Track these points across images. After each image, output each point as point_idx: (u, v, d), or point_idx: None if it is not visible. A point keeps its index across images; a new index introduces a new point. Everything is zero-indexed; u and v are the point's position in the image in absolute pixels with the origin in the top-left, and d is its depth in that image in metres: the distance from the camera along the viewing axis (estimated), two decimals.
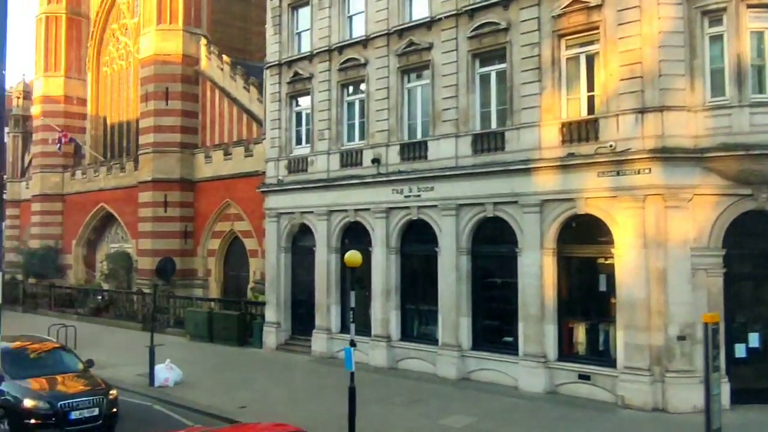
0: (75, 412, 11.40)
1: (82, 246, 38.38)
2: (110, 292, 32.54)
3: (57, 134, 38.57)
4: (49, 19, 40.01)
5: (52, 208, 39.65)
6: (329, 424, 13.18)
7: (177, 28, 31.57)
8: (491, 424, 13.33)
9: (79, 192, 38.44)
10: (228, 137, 30.66)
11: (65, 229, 39.49)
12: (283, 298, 22.38)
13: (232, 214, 29.96)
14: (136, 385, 17.47)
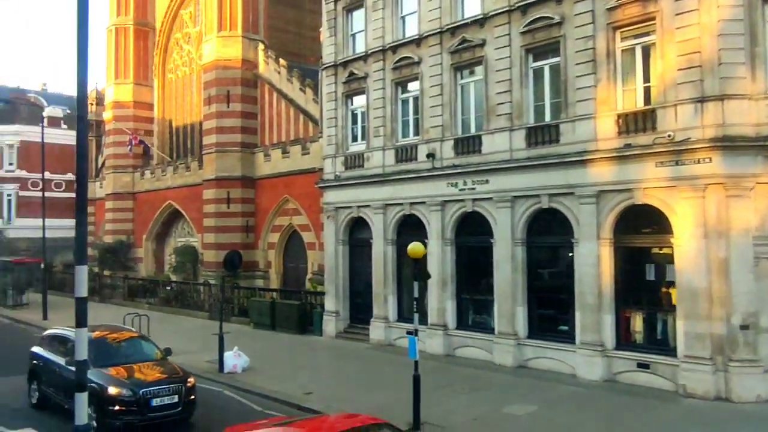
0: (156, 399, 11.31)
1: (151, 240, 39.03)
2: (178, 283, 32.95)
3: (128, 137, 39.37)
4: (119, 31, 40.74)
5: (123, 205, 40.45)
6: (394, 411, 12.79)
7: (236, 35, 31.67)
8: (554, 412, 12.77)
9: (148, 190, 39.09)
10: (285, 136, 30.63)
11: (136, 224, 40.24)
12: (341, 288, 22.18)
13: (291, 209, 29.93)
14: (206, 372, 17.45)
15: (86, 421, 7.32)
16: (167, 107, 40.53)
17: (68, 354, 12.28)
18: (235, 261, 17.18)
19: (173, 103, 40.28)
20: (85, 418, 7.30)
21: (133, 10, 40.47)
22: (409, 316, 20.23)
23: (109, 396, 11.23)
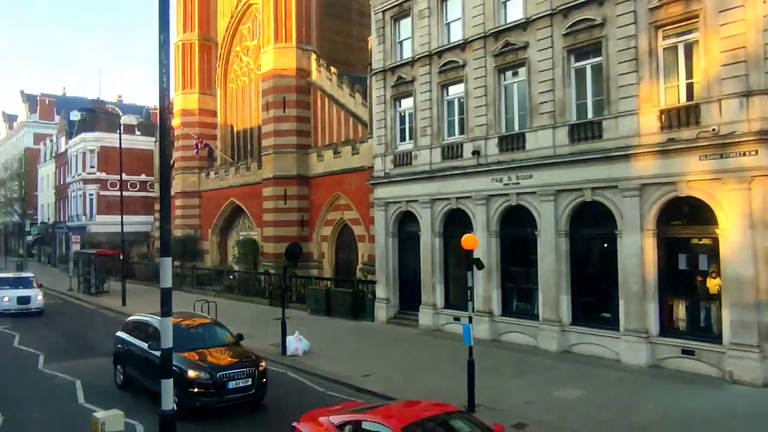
0: (232, 382, 11.08)
1: (216, 234, 39.36)
2: (240, 272, 33.08)
3: (194, 141, 39.73)
4: (185, 45, 41.11)
5: (191, 203, 40.89)
6: (448, 393, 12.35)
7: (291, 46, 31.54)
8: (603, 397, 12.14)
9: (212, 189, 39.41)
10: (336, 138, 30.38)
11: (202, 220, 40.65)
12: (391, 277, 21.78)
13: (342, 204, 29.68)
14: (270, 354, 17.22)
15: (171, 406, 7.07)
16: (229, 113, 40.77)
17: (149, 339, 12.22)
18: (295, 252, 16.96)
19: (234, 110, 40.49)
20: (171, 403, 7.08)
21: (198, 27, 40.78)
22: (455, 304, 19.80)
23: (188, 379, 10.97)
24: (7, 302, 24.61)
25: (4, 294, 25.07)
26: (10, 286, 25.97)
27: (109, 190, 49.96)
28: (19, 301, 24.83)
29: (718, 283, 13.24)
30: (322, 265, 30.91)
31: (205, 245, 40.12)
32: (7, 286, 26.03)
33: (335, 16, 34.61)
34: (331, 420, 7.14)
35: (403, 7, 21.42)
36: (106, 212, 49.43)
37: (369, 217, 27.09)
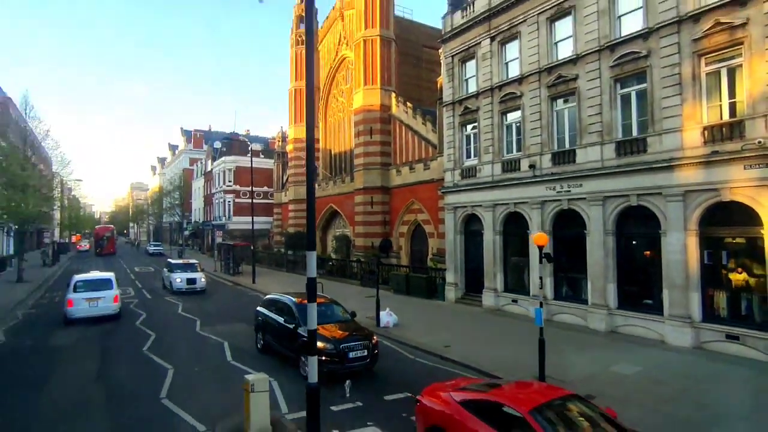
0: (351, 352, 10.43)
1: (319, 231, 39.31)
2: (337, 260, 32.78)
3: (304, 162, 40.02)
4: (296, 90, 41.54)
5: (300, 207, 41.13)
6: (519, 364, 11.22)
7: (376, 87, 30.94)
8: (659, 373, 10.57)
9: (316, 197, 39.38)
10: (411, 157, 29.47)
11: None
12: (459, 265, 20.62)
13: (416, 209, 28.73)
14: (367, 326, 16.51)
15: (316, 380, 6.31)
16: (328, 140, 40.77)
17: (283, 314, 11.80)
18: (387, 246, 16.28)
19: (332, 138, 40.43)
20: (316, 377, 6.29)
21: (306, 76, 40.94)
22: (512, 288, 18.43)
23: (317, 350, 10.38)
24: (179, 283, 25.07)
25: (177, 276, 25.46)
26: (182, 270, 26.31)
27: (241, 198, 51.37)
28: (188, 282, 25.14)
29: (760, 276, 11.36)
30: (400, 256, 30.04)
31: None
32: (179, 270, 26.37)
33: (409, 63, 33.75)
34: (453, 397, 6.18)
35: (468, 51, 20.26)
36: (239, 214, 50.86)
37: (438, 219, 26.02)
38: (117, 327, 16.63)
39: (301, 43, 41.35)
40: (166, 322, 17.58)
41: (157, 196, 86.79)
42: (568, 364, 11.41)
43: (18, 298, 23.29)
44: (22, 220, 29.07)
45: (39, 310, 20.68)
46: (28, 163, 28.56)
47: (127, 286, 28.17)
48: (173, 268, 26.52)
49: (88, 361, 12.44)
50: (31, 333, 16.02)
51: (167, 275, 26.59)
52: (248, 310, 19.98)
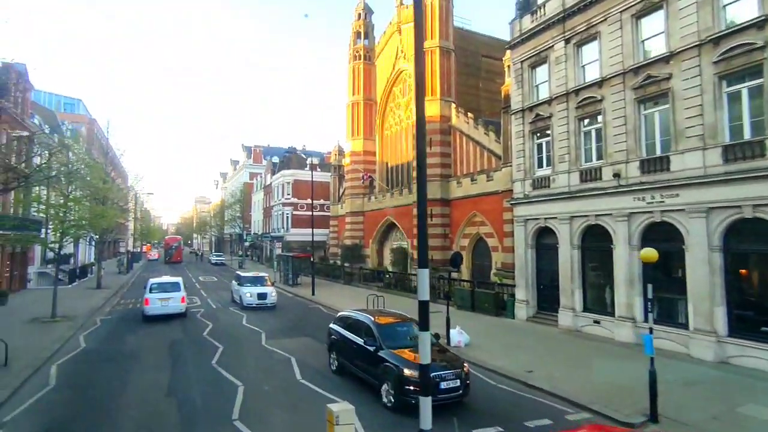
0: (443, 382, 8.99)
1: (375, 243, 38.73)
2: (396, 273, 31.88)
3: (360, 174, 39.78)
4: (353, 105, 41.48)
5: (356, 220, 40.76)
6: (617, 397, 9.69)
7: (436, 98, 30.09)
8: None
9: (373, 209, 38.94)
10: (473, 168, 28.23)
11: (364, 232, 40.31)
12: (530, 281, 19.07)
13: (477, 221, 27.37)
14: None
15: (430, 426, 5.22)
16: (384, 153, 40.29)
17: (360, 334, 10.77)
18: (458, 260, 15.05)
19: (388, 151, 39.92)
20: (430, 423, 5.21)
21: (363, 90, 40.96)
22: (592, 308, 16.68)
23: (404, 376, 8.98)
24: (249, 298, 23.08)
25: (248, 290, 23.41)
26: (252, 284, 24.11)
27: (298, 210, 51.93)
28: (258, 297, 23.11)
29: None
30: (461, 270, 28.65)
31: (367, 251, 39.63)
32: (249, 284, 24.23)
33: (468, 74, 32.71)
34: None
35: (540, 56, 18.97)
36: (297, 226, 51.38)
37: (502, 232, 24.55)
38: (185, 337, 16.51)
39: (359, 58, 41.37)
40: (231, 333, 17.30)
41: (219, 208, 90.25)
42: (680, 401, 9.73)
43: (97, 304, 24.14)
44: (102, 231, 30.48)
45: (115, 316, 21.20)
46: (108, 177, 30.04)
47: (192, 295, 28.64)
48: (243, 281, 24.70)
49: (159, 372, 12.18)
50: (107, 339, 16.23)
51: (236, 288, 24.94)
52: (311, 323, 19.52)
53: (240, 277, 25.56)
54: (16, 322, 18.73)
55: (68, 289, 30.42)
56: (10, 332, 16.55)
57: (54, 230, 20.32)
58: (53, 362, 13.24)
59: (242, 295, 23.41)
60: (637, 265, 14.75)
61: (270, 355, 13.99)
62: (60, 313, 20.04)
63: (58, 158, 20.92)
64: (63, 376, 11.97)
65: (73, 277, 34.83)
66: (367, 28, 42.02)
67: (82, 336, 16.73)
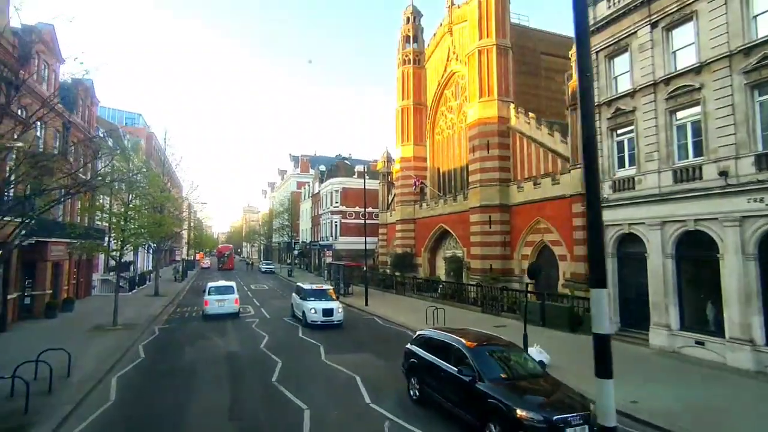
0: (569, 429, 6.99)
1: (427, 252, 37.33)
2: (451, 283, 30.30)
3: (411, 181, 38.67)
4: (403, 110, 40.53)
5: (407, 227, 39.55)
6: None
7: (493, 99, 28.52)
8: None
9: (424, 217, 37.60)
10: (535, 172, 26.36)
11: (416, 240, 39.00)
12: (611, 295, 17.06)
13: (542, 228, 25.42)
14: None
15: None
16: (435, 159, 38.97)
17: (449, 360, 9.12)
18: (537, 271, 13.50)
19: (440, 156, 38.58)
20: None
21: (413, 95, 39.96)
22: (692, 326, 14.50)
23: (515, 418, 7.11)
24: (314, 314, 19.73)
25: (312, 305, 20.14)
26: (316, 298, 20.84)
27: (347, 219, 51.43)
28: (324, 313, 19.79)
29: None
30: (522, 280, 26.71)
31: (418, 260, 38.27)
32: (312, 298, 20.93)
33: (527, 73, 30.88)
34: None
35: (619, 44, 17.12)
36: (346, 234, 50.87)
37: (571, 239, 22.54)
38: (242, 350, 15.80)
39: (408, 62, 40.45)
40: (288, 346, 16.44)
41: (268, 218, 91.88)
42: None
43: (155, 312, 24.19)
44: (159, 239, 30.96)
45: (172, 325, 21.00)
46: (165, 187, 30.54)
47: (246, 304, 28.32)
48: (306, 294, 21.40)
49: (219, 389, 11.38)
50: (165, 349, 15.79)
51: (298, 302, 21.77)
52: (369, 336, 18.37)
53: (302, 289, 22.19)
54: (81, 330, 18.82)
55: (128, 297, 31.00)
56: (75, 340, 16.54)
57: (115, 238, 20.42)
58: (114, 374, 12.82)
59: (306, 311, 20.35)
60: (755, 279, 12.57)
61: (333, 373, 12.91)
62: (120, 320, 20.03)
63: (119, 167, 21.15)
64: (123, 391, 11.43)
65: (132, 285, 35.67)
66: (416, 32, 41.10)
67: (141, 346, 16.41)
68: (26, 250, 20.87)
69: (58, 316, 22.20)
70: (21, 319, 21.24)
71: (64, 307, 23.83)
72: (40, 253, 21.89)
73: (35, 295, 21.88)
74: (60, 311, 23.25)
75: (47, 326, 19.63)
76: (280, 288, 40.07)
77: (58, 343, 16.25)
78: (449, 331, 10.56)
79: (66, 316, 22.35)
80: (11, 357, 13.84)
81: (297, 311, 21.97)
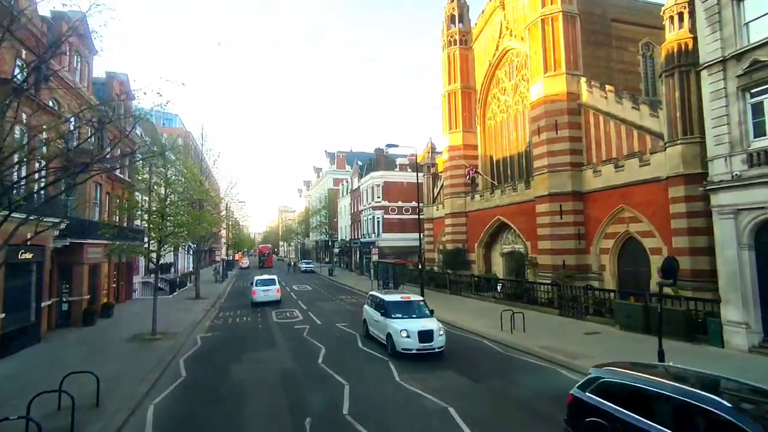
0: None
1: (481, 247, 34.15)
2: (515, 281, 27.09)
3: (459, 172, 35.74)
4: (450, 94, 37.41)
5: (458, 221, 36.45)
6: None
7: (561, 73, 25.06)
8: None
9: (477, 209, 34.41)
10: (616, 153, 22.80)
11: (468, 235, 35.88)
12: (750, 297, 13.57)
13: (626, 217, 21.87)
14: None
15: None
16: (488, 146, 35.70)
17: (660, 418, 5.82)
18: (673, 267, 10.35)
19: (492, 143, 35.29)
20: None
21: (460, 78, 36.81)
22: None
23: None
24: (406, 339, 13.75)
25: (402, 326, 14.05)
26: (404, 314, 14.85)
27: (389, 214, 48.81)
28: (421, 337, 13.68)
29: None
30: (602, 277, 23.30)
31: (472, 256, 35.13)
32: (400, 313, 14.91)
33: (596, 43, 27.20)
34: None
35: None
36: (388, 231, 48.29)
37: (669, 229, 18.99)
38: (298, 366, 13.36)
39: (454, 44, 37.29)
40: (351, 361, 13.88)
41: (304, 216, 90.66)
42: None
43: (196, 317, 22.28)
44: (199, 238, 29.25)
45: (215, 333, 18.92)
46: (203, 185, 28.81)
47: (292, 307, 26.14)
48: (390, 309, 15.13)
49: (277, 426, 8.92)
50: (209, 366, 13.55)
51: (378, 320, 15.70)
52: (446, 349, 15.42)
53: (383, 303, 15.73)
54: (118, 339, 16.99)
55: (169, 300, 29.46)
56: (110, 354, 14.64)
57: (153, 238, 18.49)
58: (151, 399, 10.63)
59: (393, 334, 14.24)
60: None
61: (417, 402, 10.19)
62: (160, 328, 18.13)
63: (155, 160, 19.24)
64: (161, 423, 9.18)
65: (173, 287, 34.29)
66: (461, 10, 37.88)
67: (182, 360, 14.28)
68: (61, 252, 19.29)
69: (97, 323, 20.58)
70: (59, 326, 19.72)
71: (103, 312, 22.29)
72: (77, 256, 20.30)
73: (72, 301, 20.30)
74: (99, 317, 21.69)
75: (83, 336, 17.93)
76: (323, 288, 37.89)
77: (92, 356, 14.42)
78: (655, 373, 6.68)
79: (104, 324, 20.72)
80: (40, 374, 11.98)
81: (375, 331, 16.04)
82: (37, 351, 15.24)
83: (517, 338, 16.25)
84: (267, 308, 25.84)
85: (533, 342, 15.53)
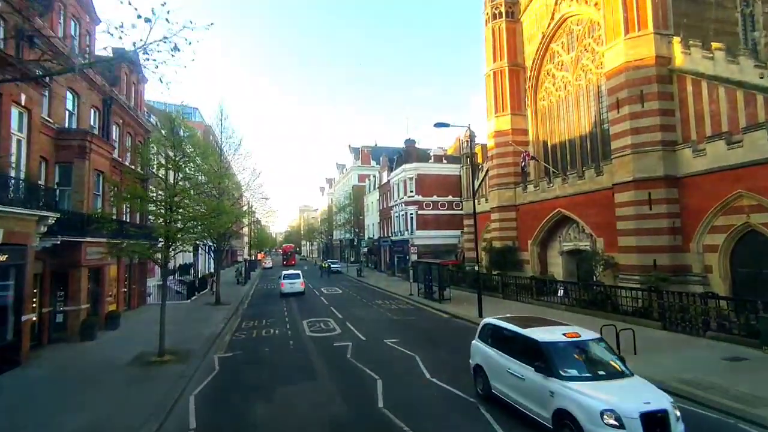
0: None
1: (536, 245, 29.81)
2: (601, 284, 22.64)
3: (513, 157, 31.50)
4: (496, 74, 33.10)
5: (507, 216, 32.16)
6: None
7: (647, 33, 20.62)
8: None
9: (531, 202, 30.06)
10: (727, 126, 18.31)
11: (519, 232, 31.58)
12: None
13: (744, 206, 17.37)
14: None
15: None
16: (540, 130, 31.35)
17: None
18: None
19: (546, 126, 30.92)
20: None
21: (507, 54, 32.50)
22: None
23: None
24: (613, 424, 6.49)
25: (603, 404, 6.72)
26: (580, 370, 7.68)
27: (424, 209, 44.70)
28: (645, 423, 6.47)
29: None
30: (707, 281, 18.79)
31: (524, 255, 30.84)
32: (573, 369, 7.67)
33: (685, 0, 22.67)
34: None
35: None
36: (423, 228, 44.22)
37: None
38: (350, 411, 9.46)
39: (499, 16, 33.02)
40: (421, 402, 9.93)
41: (327, 214, 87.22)
42: None
43: (215, 330, 18.67)
44: (219, 236, 25.81)
45: (237, 352, 15.19)
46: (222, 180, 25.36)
47: (325, 316, 22.39)
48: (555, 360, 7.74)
49: None
50: (228, 409, 9.74)
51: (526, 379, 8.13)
52: None
53: (540, 347, 8.04)
54: (115, 362, 13.44)
55: (185, 306, 26.12)
56: (100, 386, 11.12)
57: (160, 234, 14.91)
58: None
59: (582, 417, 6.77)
60: None
61: None
62: (172, 342, 14.63)
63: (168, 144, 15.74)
64: None
65: (192, 290, 31.01)
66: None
67: (193, 397, 10.58)
68: (55, 253, 15.90)
69: (97, 336, 17.19)
70: (52, 341, 16.42)
71: (107, 323, 18.95)
72: (73, 257, 16.93)
73: (68, 311, 16.94)
74: (102, 329, 18.35)
75: (76, 356, 14.48)
76: (354, 292, 34.11)
77: (75, 391, 10.93)
78: None
79: (106, 337, 17.33)
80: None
81: (515, 396, 8.61)
82: (10, 380, 11.78)
83: (637, 364, 12.01)
84: (297, 316, 22.18)
85: (662, 373, 11.27)
